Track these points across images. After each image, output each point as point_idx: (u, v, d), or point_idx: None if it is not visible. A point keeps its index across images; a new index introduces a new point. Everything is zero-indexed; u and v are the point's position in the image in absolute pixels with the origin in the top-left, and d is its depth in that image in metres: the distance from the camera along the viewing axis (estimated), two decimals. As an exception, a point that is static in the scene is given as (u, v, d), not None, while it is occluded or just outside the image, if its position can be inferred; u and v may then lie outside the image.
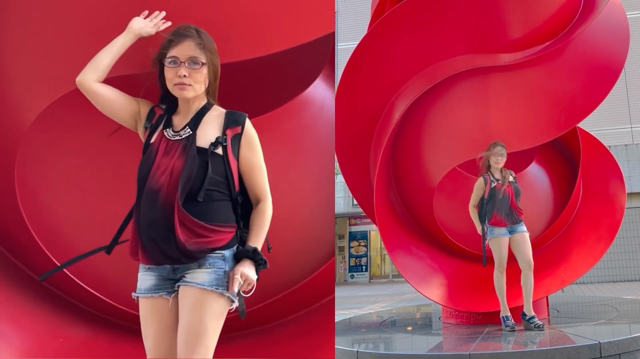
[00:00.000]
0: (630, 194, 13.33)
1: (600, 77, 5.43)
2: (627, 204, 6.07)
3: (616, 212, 5.89)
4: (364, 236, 24.00)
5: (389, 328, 6.24)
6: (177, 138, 2.28)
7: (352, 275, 23.55)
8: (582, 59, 5.49)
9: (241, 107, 2.46)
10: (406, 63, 5.54)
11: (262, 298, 2.95)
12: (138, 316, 2.29)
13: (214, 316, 2.17)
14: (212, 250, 2.22)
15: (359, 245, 23.90)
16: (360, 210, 7.05)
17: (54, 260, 3.19)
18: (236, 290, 2.19)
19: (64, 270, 3.20)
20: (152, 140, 2.30)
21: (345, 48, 18.72)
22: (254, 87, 3.31)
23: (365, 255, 23.79)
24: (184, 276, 2.21)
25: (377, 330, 6.17)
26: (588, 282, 14.44)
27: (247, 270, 2.21)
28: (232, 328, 2.66)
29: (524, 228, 5.16)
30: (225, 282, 2.20)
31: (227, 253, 2.25)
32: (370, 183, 5.80)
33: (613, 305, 6.84)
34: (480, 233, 5.24)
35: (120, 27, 2.65)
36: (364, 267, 23.67)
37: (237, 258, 2.25)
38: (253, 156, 2.37)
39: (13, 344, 3.03)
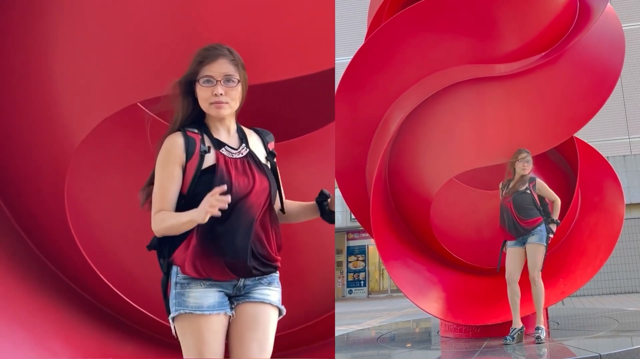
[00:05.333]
0: (629, 205, 13.29)
1: (597, 86, 5.42)
2: (626, 215, 6.02)
3: (615, 222, 5.84)
4: (362, 250, 23.85)
5: (388, 343, 6.15)
6: (239, 156, 2.26)
7: (350, 290, 23.38)
8: (578, 69, 5.48)
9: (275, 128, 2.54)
10: (402, 74, 5.51)
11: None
12: None
13: (274, 331, 2.27)
14: (276, 269, 2.30)
15: (357, 260, 23.75)
16: (358, 224, 7.00)
17: (103, 279, 3.21)
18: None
19: (113, 287, 3.24)
20: (214, 161, 2.20)
21: (340, 62, 18.75)
22: (290, 109, 3.41)
23: (364, 270, 23.63)
24: (250, 293, 2.22)
25: (376, 346, 6.07)
26: (589, 294, 14.33)
27: None
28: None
29: (534, 238, 5.00)
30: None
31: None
32: (367, 196, 5.75)
33: (614, 317, 6.77)
34: None
35: (167, 48, 2.74)
36: (362, 282, 23.49)
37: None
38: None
39: None
